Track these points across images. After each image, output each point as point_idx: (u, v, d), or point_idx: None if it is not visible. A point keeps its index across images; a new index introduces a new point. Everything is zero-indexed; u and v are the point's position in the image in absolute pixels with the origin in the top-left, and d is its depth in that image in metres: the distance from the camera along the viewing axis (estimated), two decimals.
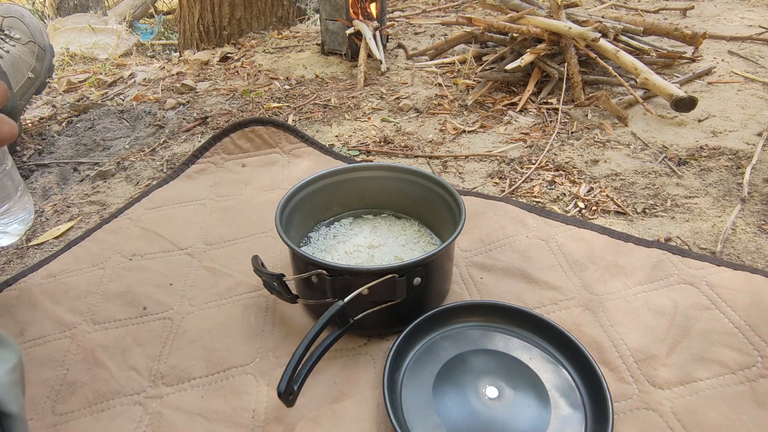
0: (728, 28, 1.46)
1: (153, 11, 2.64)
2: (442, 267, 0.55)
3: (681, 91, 0.95)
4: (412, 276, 0.49)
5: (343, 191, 0.67)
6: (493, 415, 0.45)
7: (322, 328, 0.46)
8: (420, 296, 0.52)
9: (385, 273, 0.48)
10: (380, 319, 0.52)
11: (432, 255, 0.49)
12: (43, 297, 0.62)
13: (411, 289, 0.50)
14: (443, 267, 0.55)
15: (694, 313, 0.54)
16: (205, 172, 0.87)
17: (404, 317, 0.52)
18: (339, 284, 0.49)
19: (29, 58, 1.05)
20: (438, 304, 0.55)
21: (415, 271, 0.49)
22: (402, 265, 0.48)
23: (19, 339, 0.57)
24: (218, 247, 0.69)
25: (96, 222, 0.78)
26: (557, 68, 1.11)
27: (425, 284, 0.51)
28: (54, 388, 0.51)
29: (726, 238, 0.67)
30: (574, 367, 0.49)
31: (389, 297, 0.50)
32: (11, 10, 1.07)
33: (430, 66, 1.30)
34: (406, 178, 0.65)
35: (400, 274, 0.48)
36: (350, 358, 0.52)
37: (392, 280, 0.48)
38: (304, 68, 1.37)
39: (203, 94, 1.23)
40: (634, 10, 1.67)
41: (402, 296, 0.50)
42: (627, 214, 0.73)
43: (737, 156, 0.85)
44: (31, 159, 0.97)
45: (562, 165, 0.86)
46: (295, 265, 0.56)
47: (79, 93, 1.32)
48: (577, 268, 0.62)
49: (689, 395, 0.47)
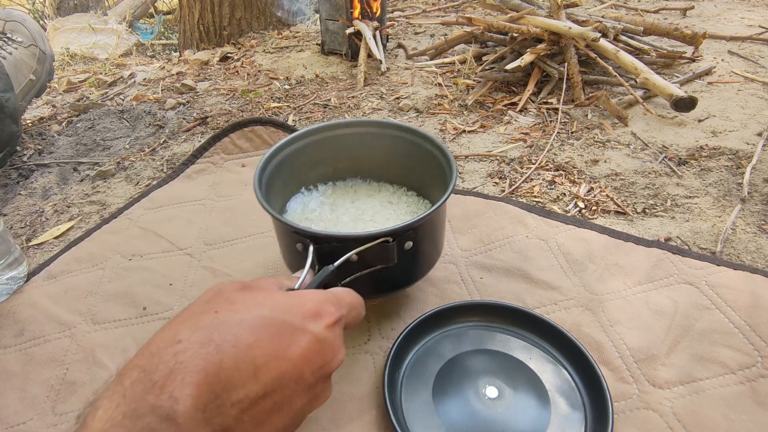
0: (728, 28, 1.45)
1: (153, 11, 2.64)
2: (434, 230, 0.53)
3: (681, 91, 0.95)
4: (403, 240, 0.47)
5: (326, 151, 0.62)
6: (493, 415, 0.45)
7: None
8: (411, 260, 0.50)
9: (375, 238, 0.45)
10: (370, 283, 0.49)
11: (423, 218, 0.47)
12: (43, 297, 0.62)
13: (402, 253, 0.48)
14: (435, 230, 0.53)
15: (694, 312, 0.54)
16: (205, 172, 0.87)
17: (395, 282, 0.51)
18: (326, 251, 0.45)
19: (31, 60, 1.05)
20: (429, 268, 0.55)
21: (405, 235, 0.47)
22: (393, 229, 0.45)
23: (19, 339, 0.57)
24: (218, 247, 0.69)
25: (96, 222, 0.78)
26: (557, 68, 1.11)
27: (416, 248, 0.49)
28: (54, 387, 0.51)
29: (726, 238, 0.67)
30: (574, 367, 0.49)
31: (380, 262, 0.47)
32: (13, 14, 1.08)
33: (430, 66, 1.30)
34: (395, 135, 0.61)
35: (392, 239, 0.46)
36: (350, 358, 0.52)
37: (383, 244, 0.45)
38: (304, 68, 1.37)
39: (203, 94, 1.23)
40: (634, 10, 1.67)
41: (393, 261, 0.47)
42: (627, 214, 0.73)
43: (737, 156, 0.85)
44: (31, 159, 0.97)
45: (562, 165, 0.85)
46: (279, 235, 0.53)
47: (79, 93, 1.32)
48: (577, 268, 0.62)
49: (689, 395, 0.47)
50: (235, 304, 0.32)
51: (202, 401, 0.26)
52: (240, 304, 0.32)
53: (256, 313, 0.31)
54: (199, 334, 0.29)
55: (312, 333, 0.32)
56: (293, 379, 0.31)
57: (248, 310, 0.32)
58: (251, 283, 0.36)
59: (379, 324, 0.56)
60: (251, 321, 0.31)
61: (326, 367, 0.33)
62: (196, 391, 0.26)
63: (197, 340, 0.28)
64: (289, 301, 0.33)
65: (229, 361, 0.28)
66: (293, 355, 0.31)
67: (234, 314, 0.31)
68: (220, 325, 0.30)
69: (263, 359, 0.29)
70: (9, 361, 0.54)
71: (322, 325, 0.33)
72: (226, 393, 0.27)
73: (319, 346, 0.32)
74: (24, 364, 0.54)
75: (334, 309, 0.34)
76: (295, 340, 0.31)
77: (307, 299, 0.34)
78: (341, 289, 0.39)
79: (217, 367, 0.28)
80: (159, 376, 0.27)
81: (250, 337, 0.30)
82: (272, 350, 0.30)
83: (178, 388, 0.26)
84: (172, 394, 0.26)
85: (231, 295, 0.33)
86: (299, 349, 0.31)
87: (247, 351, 0.29)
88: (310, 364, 0.31)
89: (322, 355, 0.32)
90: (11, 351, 0.56)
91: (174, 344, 0.28)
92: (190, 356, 0.28)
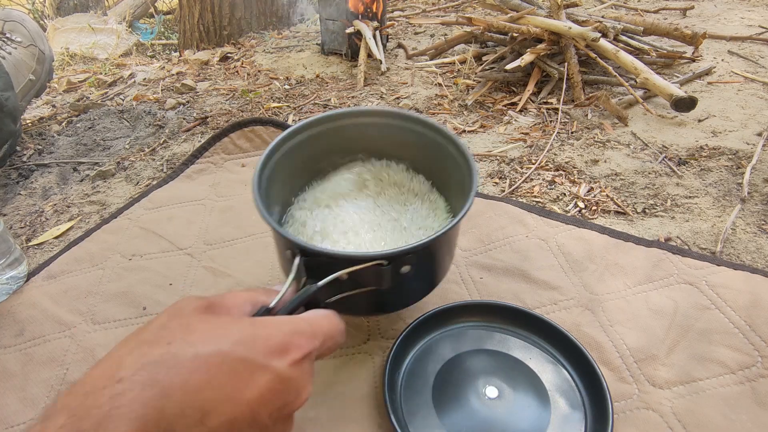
0: (728, 28, 1.45)
1: (153, 11, 2.64)
2: (438, 253, 0.48)
3: (681, 91, 0.95)
4: (399, 264, 0.42)
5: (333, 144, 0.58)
6: (493, 415, 0.45)
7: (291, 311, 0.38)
8: (407, 284, 0.46)
9: (369, 260, 0.41)
10: (357, 303, 0.46)
11: (426, 242, 0.42)
12: (43, 297, 0.62)
13: (397, 277, 0.43)
14: (439, 253, 0.48)
15: (694, 312, 0.54)
16: (205, 172, 0.87)
17: (386, 305, 0.49)
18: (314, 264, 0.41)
19: (30, 60, 1.05)
20: (427, 291, 0.51)
21: (404, 258, 0.42)
22: (389, 253, 0.41)
23: (18, 339, 0.57)
24: (218, 247, 0.69)
25: (96, 222, 0.78)
26: (557, 68, 1.11)
27: (415, 272, 0.44)
28: (54, 387, 0.51)
29: (726, 238, 0.67)
30: (574, 367, 0.49)
31: (372, 285, 0.43)
32: (12, 14, 1.08)
33: (430, 66, 1.30)
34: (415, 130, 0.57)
35: (388, 262, 0.41)
36: (350, 358, 0.52)
37: (377, 267, 0.41)
38: (304, 68, 1.37)
39: (203, 94, 1.23)
40: (634, 10, 1.67)
41: (387, 284, 0.43)
42: (627, 214, 0.73)
43: (737, 156, 0.85)
44: (31, 159, 0.97)
45: (562, 165, 0.85)
46: (273, 237, 0.50)
47: (79, 93, 1.32)
48: (577, 268, 0.62)
49: (689, 395, 0.47)
50: (192, 334, 0.29)
51: None
52: (198, 334, 0.29)
53: (214, 347, 0.28)
54: (144, 373, 0.26)
55: (274, 371, 0.29)
56: (246, 423, 0.28)
57: (205, 342, 0.28)
58: (218, 302, 0.33)
59: (379, 324, 0.56)
60: (206, 358, 0.27)
61: (286, 408, 0.30)
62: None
63: (140, 381, 0.25)
64: (254, 333, 0.30)
65: (173, 407, 0.25)
66: (249, 397, 0.28)
67: (188, 348, 0.28)
68: (170, 361, 0.27)
69: (213, 403, 0.27)
70: (9, 361, 0.54)
71: (287, 362, 0.30)
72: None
73: (281, 386, 0.29)
74: (24, 364, 0.54)
75: (305, 342, 0.31)
76: (253, 380, 0.28)
77: (276, 330, 0.31)
78: (320, 316, 0.35)
79: (159, 413, 0.25)
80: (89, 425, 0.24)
81: (201, 378, 0.27)
82: (225, 393, 0.27)
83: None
84: None
85: (189, 321, 0.30)
86: (257, 390, 0.28)
87: (196, 394, 0.26)
88: (268, 405, 0.29)
89: (283, 395, 0.30)
90: (11, 351, 0.56)
91: (113, 383, 0.25)
92: (129, 400, 0.25)
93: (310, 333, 0.32)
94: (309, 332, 0.32)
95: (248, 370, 0.28)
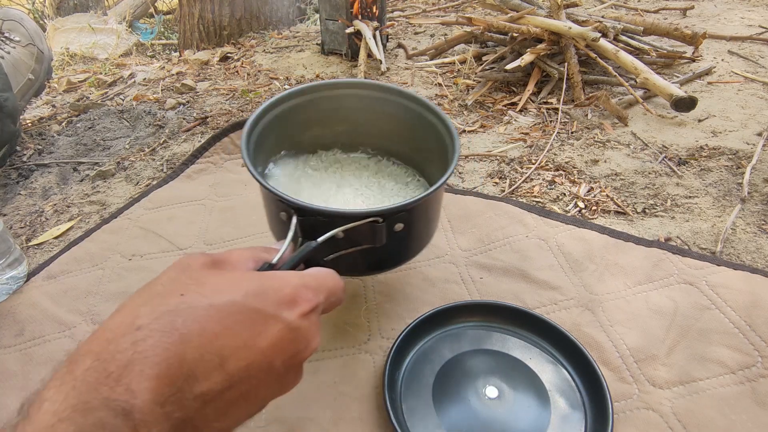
0: (728, 28, 1.45)
1: (153, 11, 2.64)
2: (427, 213, 0.50)
3: (681, 91, 0.95)
4: (393, 222, 0.44)
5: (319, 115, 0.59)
6: (493, 415, 0.45)
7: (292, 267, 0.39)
8: (401, 242, 0.48)
9: (364, 216, 0.42)
10: (354, 262, 0.47)
11: (417, 200, 0.44)
12: (43, 297, 0.62)
13: (391, 235, 0.45)
14: (428, 213, 0.50)
15: (694, 312, 0.54)
16: (205, 172, 0.87)
17: (382, 262, 0.50)
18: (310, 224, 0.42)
19: (29, 59, 1.05)
20: (419, 250, 0.52)
21: (397, 216, 0.44)
22: (384, 209, 0.43)
23: (18, 339, 0.57)
24: (218, 247, 0.69)
25: (96, 222, 0.78)
26: (557, 68, 1.11)
27: (407, 231, 0.46)
28: None
29: (726, 238, 0.67)
30: (573, 367, 0.49)
31: (367, 242, 0.45)
32: (10, 13, 1.08)
33: (430, 66, 1.30)
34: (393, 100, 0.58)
35: (383, 219, 0.43)
36: (350, 358, 0.52)
37: (372, 224, 0.43)
38: (304, 68, 1.37)
39: (203, 94, 1.23)
40: (634, 10, 1.67)
41: (381, 242, 0.45)
42: (627, 214, 0.73)
43: (737, 156, 0.85)
44: (31, 159, 0.97)
45: (562, 165, 0.85)
46: (264, 201, 0.51)
47: (79, 93, 1.32)
48: (577, 268, 0.62)
49: (689, 395, 0.47)
50: (204, 286, 0.29)
51: (162, 395, 0.25)
52: (209, 286, 0.30)
53: (227, 298, 0.29)
54: (162, 321, 0.26)
55: (285, 322, 0.30)
56: (262, 369, 0.29)
57: (218, 294, 0.29)
58: (222, 258, 0.34)
59: (379, 324, 0.56)
60: (220, 307, 0.28)
61: (298, 356, 0.31)
62: (156, 385, 0.24)
63: (159, 328, 0.26)
64: (264, 285, 0.31)
65: (193, 352, 0.26)
66: (263, 345, 0.29)
67: (202, 298, 0.28)
68: (186, 311, 0.27)
69: (231, 349, 0.27)
70: (9, 361, 0.54)
71: (297, 314, 0.31)
72: (188, 385, 0.26)
73: (292, 335, 0.30)
74: (24, 364, 0.54)
75: (312, 295, 0.32)
76: (266, 329, 0.29)
77: (285, 284, 0.31)
78: (323, 272, 0.36)
79: (180, 358, 0.25)
80: (115, 367, 0.24)
81: (217, 326, 0.27)
82: (241, 340, 0.28)
83: (135, 380, 0.24)
84: (129, 386, 0.24)
85: (199, 275, 0.31)
86: (270, 338, 0.29)
87: (214, 341, 0.27)
88: (282, 353, 0.30)
89: (294, 344, 0.31)
90: (11, 351, 0.56)
91: (133, 331, 0.26)
92: (151, 345, 0.25)
93: (316, 286, 0.33)
94: (315, 286, 0.33)
95: (261, 319, 0.29)
